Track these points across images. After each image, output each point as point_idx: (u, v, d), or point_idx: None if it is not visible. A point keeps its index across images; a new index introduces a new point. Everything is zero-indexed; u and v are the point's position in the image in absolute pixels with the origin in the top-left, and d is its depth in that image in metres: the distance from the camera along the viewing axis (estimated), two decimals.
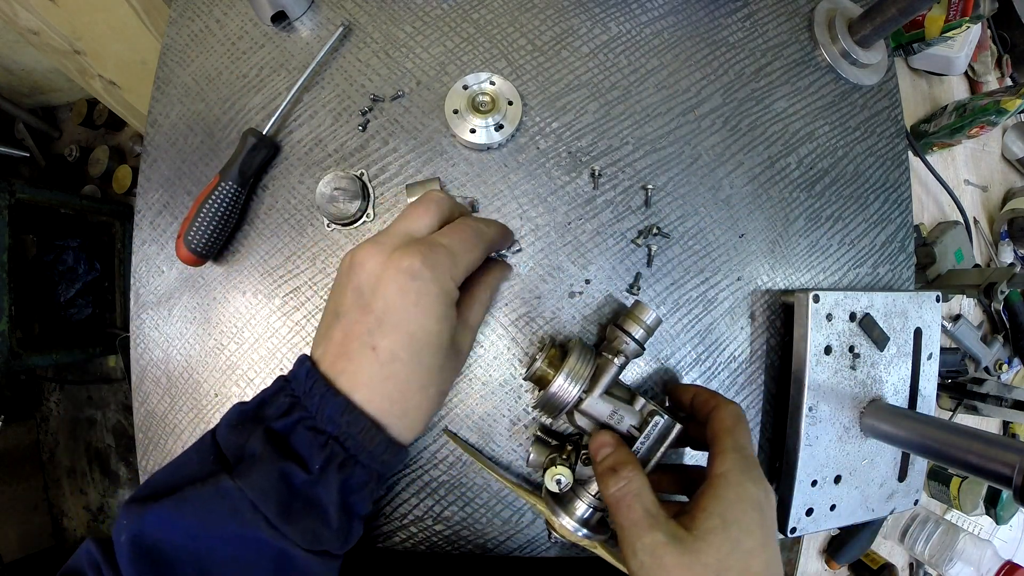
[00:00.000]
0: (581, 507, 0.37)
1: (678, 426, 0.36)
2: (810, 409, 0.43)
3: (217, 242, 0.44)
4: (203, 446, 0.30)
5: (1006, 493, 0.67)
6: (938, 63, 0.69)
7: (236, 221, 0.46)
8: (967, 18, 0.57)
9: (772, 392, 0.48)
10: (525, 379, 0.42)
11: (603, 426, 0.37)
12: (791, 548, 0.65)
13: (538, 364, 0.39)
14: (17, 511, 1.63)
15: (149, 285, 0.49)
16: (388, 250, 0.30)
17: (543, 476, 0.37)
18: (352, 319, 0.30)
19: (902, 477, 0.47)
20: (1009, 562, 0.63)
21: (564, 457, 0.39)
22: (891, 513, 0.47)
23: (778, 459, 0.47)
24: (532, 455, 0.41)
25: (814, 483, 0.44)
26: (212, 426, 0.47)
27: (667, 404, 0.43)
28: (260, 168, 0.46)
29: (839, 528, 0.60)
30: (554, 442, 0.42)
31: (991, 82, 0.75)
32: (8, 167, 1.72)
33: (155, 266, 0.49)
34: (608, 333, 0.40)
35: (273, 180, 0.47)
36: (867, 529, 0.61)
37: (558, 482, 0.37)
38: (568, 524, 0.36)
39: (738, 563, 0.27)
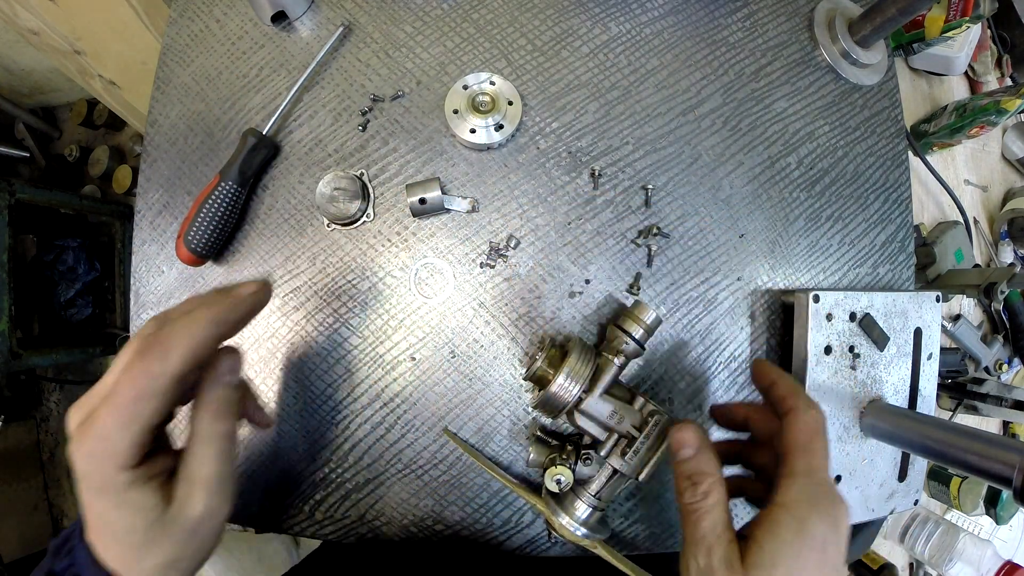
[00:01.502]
0: (581, 507, 0.37)
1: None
2: None
3: (217, 242, 0.44)
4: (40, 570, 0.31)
5: (1006, 493, 0.67)
6: (938, 63, 0.69)
7: (236, 221, 0.46)
8: (967, 18, 0.57)
9: None
10: (525, 379, 0.42)
11: (604, 426, 0.37)
12: None
13: (538, 364, 0.39)
14: (17, 511, 1.62)
15: (149, 285, 0.49)
16: (76, 422, 0.27)
17: (543, 476, 0.37)
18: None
19: (902, 477, 0.47)
20: (1009, 562, 0.63)
21: (564, 457, 0.39)
22: (891, 513, 0.47)
23: None
24: (532, 455, 0.41)
25: None
26: None
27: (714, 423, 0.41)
28: (260, 168, 0.46)
29: None
30: (554, 442, 0.42)
31: (991, 82, 0.75)
32: (8, 167, 1.72)
33: (155, 266, 0.49)
34: (608, 333, 0.40)
35: (273, 180, 0.47)
36: (867, 529, 0.61)
37: (558, 482, 0.37)
38: (568, 524, 0.36)
39: None
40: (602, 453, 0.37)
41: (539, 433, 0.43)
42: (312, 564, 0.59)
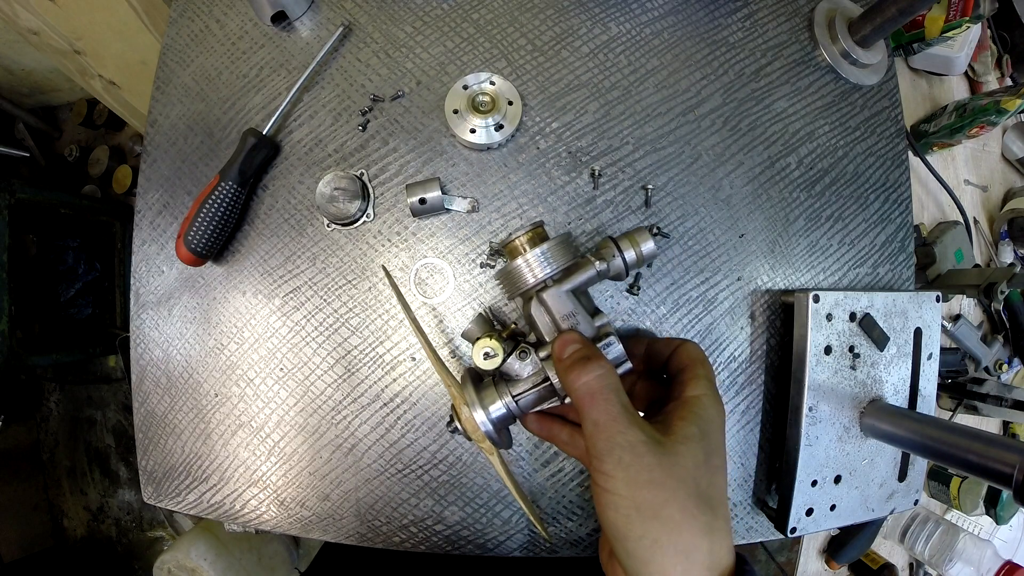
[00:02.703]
0: (497, 404, 0.33)
1: (629, 364, 0.33)
2: (810, 409, 0.43)
3: (217, 242, 0.44)
4: None
5: (1006, 493, 0.67)
6: (938, 63, 0.69)
7: (236, 221, 0.46)
8: (967, 18, 0.57)
9: (772, 392, 0.48)
10: (499, 246, 0.37)
11: (556, 325, 0.33)
12: (791, 548, 0.65)
13: (519, 235, 0.35)
14: (17, 511, 1.62)
15: (149, 285, 0.49)
16: None
17: (472, 348, 0.34)
18: None
19: (902, 477, 0.47)
20: (1009, 562, 0.63)
21: (504, 336, 0.35)
22: (891, 513, 0.47)
23: (778, 459, 0.47)
24: (469, 326, 0.37)
25: (814, 483, 0.44)
26: (212, 426, 0.47)
27: None
28: (260, 168, 0.46)
29: (839, 528, 0.60)
30: (497, 326, 0.39)
31: (991, 82, 0.74)
32: (8, 167, 1.72)
33: (155, 266, 0.49)
34: (600, 243, 0.37)
35: (273, 180, 0.47)
36: (867, 529, 0.61)
37: (486, 354, 0.34)
38: (478, 417, 0.32)
39: (708, 475, 0.28)
40: (541, 355, 0.33)
41: (485, 312, 0.41)
42: (317, 567, 0.59)
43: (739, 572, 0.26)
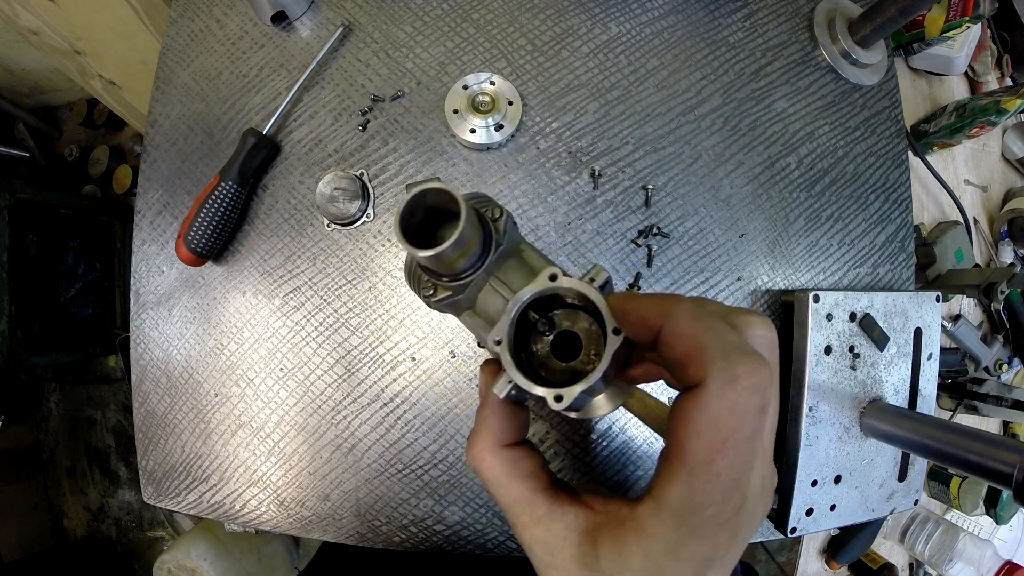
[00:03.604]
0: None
1: (596, 375, 0.19)
2: (810, 409, 0.43)
3: (217, 242, 0.44)
4: None
5: (1006, 493, 0.67)
6: (938, 63, 0.69)
7: (236, 221, 0.46)
8: (967, 18, 0.57)
9: None
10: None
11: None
12: (791, 548, 0.65)
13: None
14: (17, 511, 1.63)
15: (149, 285, 0.49)
16: None
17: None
18: None
19: (902, 477, 0.47)
20: (1009, 562, 0.63)
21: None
22: (891, 513, 0.47)
23: (778, 459, 0.47)
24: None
25: (814, 483, 0.44)
26: (212, 426, 0.47)
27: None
28: (260, 168, 0.46)
29: (839, 528, 0.59)
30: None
31: (991, 82, 0.74)
32: (8, 167, 1.72)
33: (155, 266, 0.49)
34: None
35: (273, 180, 0.47)
36: (867, 529, 0.61)
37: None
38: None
39: None
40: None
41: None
42: (315, 567, 0.59)
43: None
